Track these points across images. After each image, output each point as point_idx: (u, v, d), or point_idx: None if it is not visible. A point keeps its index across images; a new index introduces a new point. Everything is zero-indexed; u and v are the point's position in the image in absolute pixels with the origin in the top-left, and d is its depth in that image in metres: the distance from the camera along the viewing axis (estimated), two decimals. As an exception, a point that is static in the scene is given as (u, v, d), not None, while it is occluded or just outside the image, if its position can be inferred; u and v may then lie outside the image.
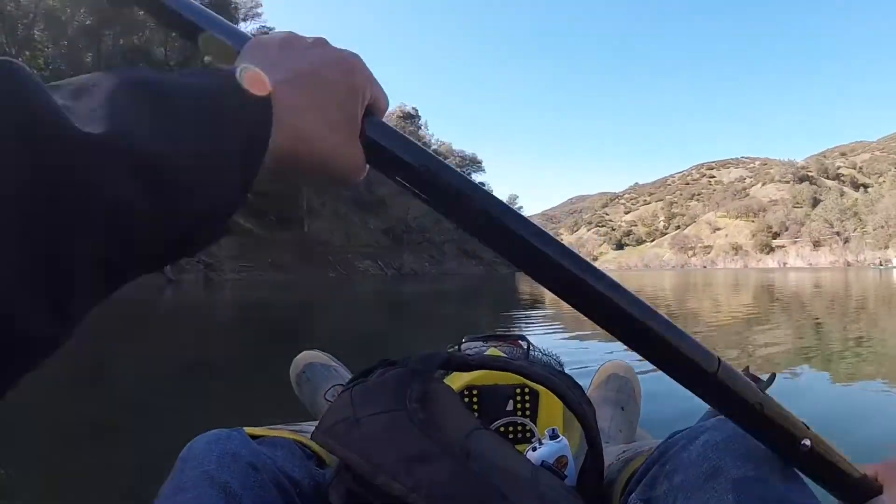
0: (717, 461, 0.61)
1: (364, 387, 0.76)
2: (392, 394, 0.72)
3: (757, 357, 5.07)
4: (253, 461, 0.67)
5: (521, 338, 1.39)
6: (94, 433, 2.58)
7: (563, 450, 0.85)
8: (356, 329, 8.00)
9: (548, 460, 0.83)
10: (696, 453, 0.64)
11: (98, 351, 4.67)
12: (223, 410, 2.88)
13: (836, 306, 11.41)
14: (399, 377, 0.75)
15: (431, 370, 0.80)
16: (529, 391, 1.11)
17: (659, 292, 18.31)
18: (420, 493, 0.60)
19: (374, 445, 0.65)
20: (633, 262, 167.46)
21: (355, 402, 0.71)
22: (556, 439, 0.86)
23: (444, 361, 0.84)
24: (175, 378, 4.01)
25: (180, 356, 5.04)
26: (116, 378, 4.17)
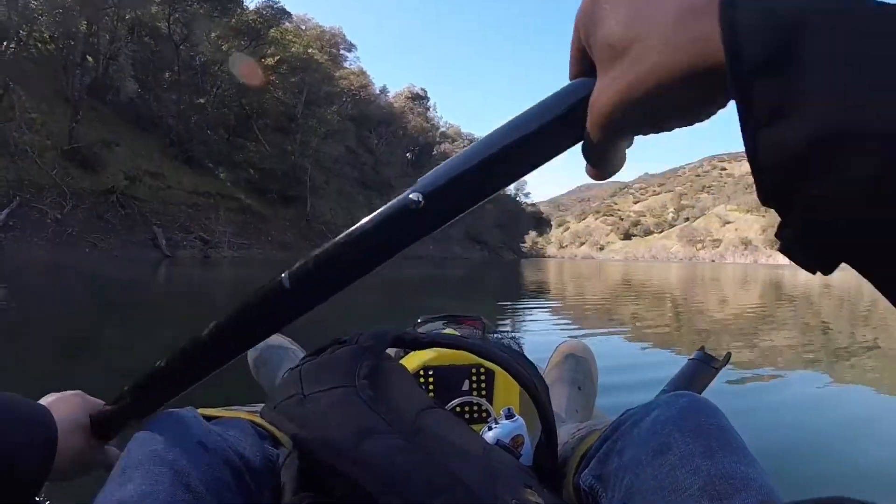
0: (666, 437, 0.62)
1: (313, 364, 0.78)
2: (341, 371, 0.74)
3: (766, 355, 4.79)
4: (203, 440, 0.66)
5: (478, 318, 1.45)
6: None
7: (518, 429, 0.86)
8: (335, 320, 7.56)
9: (503, 440, 0.83)
10: (646, 429, 0.65)
11: (84, 328, 4.79)
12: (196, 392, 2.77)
13: (845, 308, 10.99)
14: (349, 354, 0.77)
15: (382, 347, 0.82)
16: (485, 371, 1.12)
17: (665, 287, 17.86)
18: (366, 468, 0.60)
19: (322, 421, 0.66)
20: (640, 253, 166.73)
21: (304, 379, 0.74)
22: (512, 419, 0.87)
23: (395, 339, 0.86)
24: (153, 357, 3.83)
25: (163, 335, 4.90)
26: (98, 355, 4.09)
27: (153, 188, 27.42)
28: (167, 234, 24.31)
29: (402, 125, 67.44)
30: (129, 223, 23.70)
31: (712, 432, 0.61)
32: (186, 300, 8.75)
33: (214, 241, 26.41)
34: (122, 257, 20.09)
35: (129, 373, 0.67)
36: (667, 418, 0.64)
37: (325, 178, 42.77)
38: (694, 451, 0.59)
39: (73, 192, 22.56)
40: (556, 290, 13.75)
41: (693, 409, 0.64)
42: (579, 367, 1.48)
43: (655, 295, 13.11)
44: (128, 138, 29.16)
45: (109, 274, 13.37)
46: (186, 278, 13.80)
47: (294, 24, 44.25)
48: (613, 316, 7.88)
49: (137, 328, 5.38)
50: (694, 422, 0.62)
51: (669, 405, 0.66)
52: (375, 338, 0.81)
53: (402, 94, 74.45)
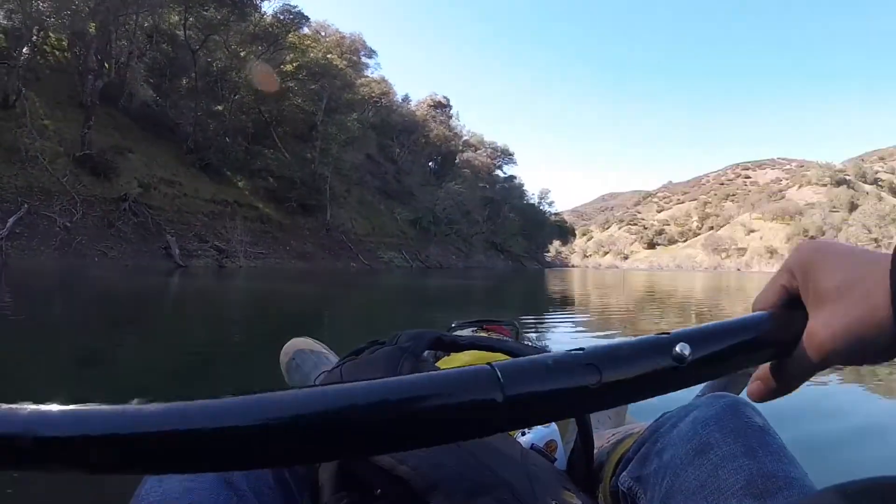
0: (706, 437, 0.63)
1: (353, 364, 0.79)
2: (382, 370, 0.75)
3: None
4: None
5: (510, 324, 1.49)
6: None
7: (552, 434, 0.88)
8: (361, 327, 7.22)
9: (538, 444, 0.85)
10: (686, 430, 0.66)
11: (94, 340, 4.67)
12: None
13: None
14: (389, 354, 0.78)
15: (421, 348, 0.82)
16: None
17: (691, 296, 17.29)
18: (410, 465, 0.61)
19: None
20: (664, 263, 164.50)
21: (345, 378, 0.73)
22: (546, 424, 0.86)
23: (433, 340, 0.87)
24: (169, 370, 3.85)
25: (177, 346, 4.82)
26: (109, 368, 3.93)
27: (168, 196, 26.70)
28: (181, 244, 23.45)
29: (425, 134, 66.82)
30: (142, 232, 22.90)
31: (753, 432, 0.61)
32: (197, 313, 8.09)
33: (230, 251, 25.49)
34: (132, 267, 19.28)
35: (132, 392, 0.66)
36: (707, 418, 0.64)
37: (345, 186, 41.91)
38: (735, 451, 0.59)
39: (83, 199, 21.85)
40: (582, 300, 13.39)
41: (733, 409, 0.65)
42: None
43: (681, 304, 12.91)
44: (143, 145, 28.56)
45: (117, 284, 12.66)
46: (198, 290, 12.98)
47: (313, 30, 43.65)
48: (640, 326, 7.74)
49: (144, 343, 5.12)
50: (734, 422, 0.62)
51: (709, 406, 0.66)
52: (414, 339, 0.81)
53: (424, 103, 73.91)
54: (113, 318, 6.86)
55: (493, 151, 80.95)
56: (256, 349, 4.71)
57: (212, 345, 5.00)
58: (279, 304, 9.76)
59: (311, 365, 1.61)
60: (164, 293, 11.36)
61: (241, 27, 34.01)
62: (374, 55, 52.67)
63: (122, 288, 11.89)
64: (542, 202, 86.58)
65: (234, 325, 6.68)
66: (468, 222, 60.99)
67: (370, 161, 50.59)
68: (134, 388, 2.95)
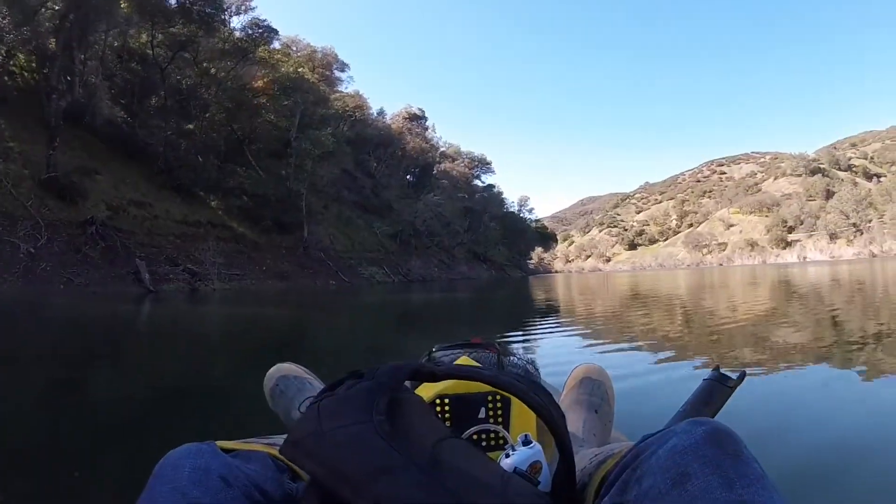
0: (684, 467, 0.63)
1: (331, 400, 0.78)
2: (359, 406, 0.75)
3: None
4: (225, 475, 0.69)
5: (492, 344, 1.47)
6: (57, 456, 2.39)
7: (536, 455, 0.87)
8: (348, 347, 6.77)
9: (521, 467, 0.84)
10: (665, 458, 0.66)
11: (59, 374, 4.49)
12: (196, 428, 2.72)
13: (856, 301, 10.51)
14: (366, 390, 0.78)
15: (399, 382, 0.83)
16: (501, 398, 1.13)
17: (674, 294, 16.67)
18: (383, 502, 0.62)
19: (340, 458, 0.67)
20: (647, 262, 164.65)
21: (322, 415, 0.75)
22: (529, 445, 0.88)
23: (411, 373, 0.86)
24: (144, 405, 3.54)
25: (150, 379, 4.50)
26: (78, 405, 3.61)
27: (138, 218, 25.83)
28: (151, 267, 22.56)
29: (401, 146, 66.24)
30: (110, 256, 22.00)
31: (731, 461, 0.62)
32: (170, 343, 7.36)
33: (203, 273, 24.62)
34: (100, 294, 18.37)
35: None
36: (685, 447, 0.65)
37: (322, 202, 41.22)
38: (712, 483, 0.60)
39: (48, 223, 20.96)
40: (566, 306, 12.98)
41: (712, 437, 0.65)
42: (595, 390, 1.48)
43: (665, 304, 12.56)
44: (112, 166, 27.71)
45: (82, 313, 11.84)
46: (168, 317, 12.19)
47: (284, 45, 42.98)
48: (625, 330, 7.57)
49: (115, 377, 4.68)
50: (712, 451, 0.63)
51: (688, 433, 0.66)
52: (392, 372, 0.82)
53: (399, 115, 73.22)
54: (79, 350, 6.32)
55: (471, 161, 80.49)
56: (234, 378, 4.49)
57: (187, 376, 4.66)
58: (253, 331, 9.10)
59: (295, 390, 1.62)
60: (133, 321, 10.60)
61: (209, 43, 33.29)
62: (347, 68, 52.17)
63: (89, 316, 11.16)
64: (521, 209, 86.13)
65: (210, 354, 6.20)
66: (449, 233, 60.40)
67: (347, 176, 49.93)
68: (108, 425, 2.90)
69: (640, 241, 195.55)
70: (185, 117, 33.73)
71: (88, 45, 26.75)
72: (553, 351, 5.72)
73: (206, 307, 14.82)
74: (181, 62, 32.89)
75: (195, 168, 32.34)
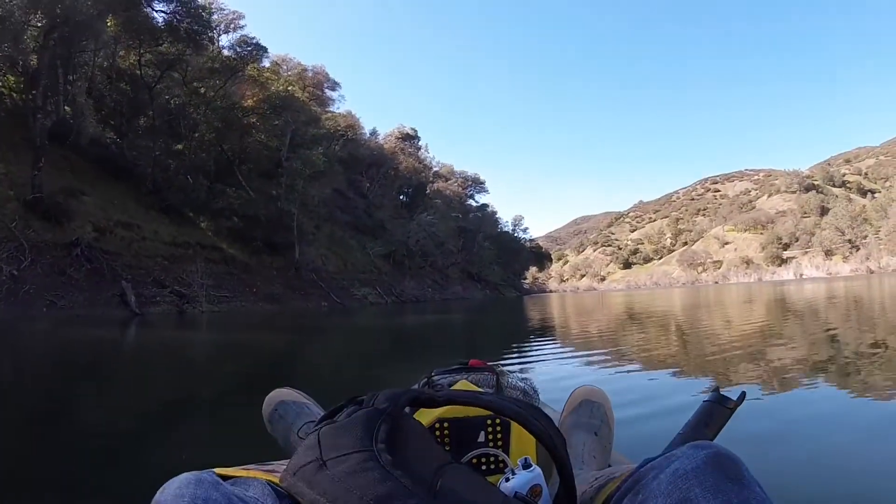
0: (686, 492, 0.63)
1: (331, 428, 0.79)
2: (359, 435, 0.75)
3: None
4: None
5: (491, 369, 1.46)
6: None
7: (536, 479, 0.87)
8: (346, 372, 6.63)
9: (521, 490, 0.84)
10: (666, 482, 0.66)
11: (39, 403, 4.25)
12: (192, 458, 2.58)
13: (852, 318, 10.33)
14: (366, 417, 0.79)
15: (399, 409, 0.84)
16: (501, 421, 1.14)
17: (670, 314, 16.42)
18: None
19: (340, 488, 0.67)
20: (641, 281, 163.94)
21: (322, 444, 0.75)
22: (529, 469, 0.87)
23: (411, 399, 0.87)
24: (133, 434, 3.28)
25: (138, 407, 4.25)
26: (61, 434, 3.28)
27: (125, 240, 25.36)
28: (138, 290, 22.06)
29: (394, 166, 66.07)
30: (96, 278, 21.51)
31: (733, 487, 0.62)
32: (154, 371, 6.85)
33: (191, 295, 24.10)
34: (83, 317, 17.87)
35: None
36: (686, 471, 0.65)
37: (314, 223, 40.69)
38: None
39: (32, 245, 20.50)
40: (564, 327, 12.63)
41: (713, 462, 0.65)
42: (595, 412, 1.49)
43: (661, 324, 12.27)
44: (99, 187, 27.31)
45: (63, 338, 11.38)
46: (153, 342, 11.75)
47: (273, 63, 42.75)
48: (623, 351, 7.41)
49: (98, 406, 4.35)
50: (715, 476, 0.63)
51: (690, 457, 0.67)
52: (391, 399, 0.82)
53: (392, 135, 73.14)
54: (58, 378, 5.97)
55: (465, 180, 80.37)
56: (225, 407, 4.22)
57: (176, 405, 4.38)
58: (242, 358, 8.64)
59: (294, 415, 1.62)
60: (117, 347, 10.11)
61: (198, 62, 33.07)
62: (339, 87, 51.87)
63: (71, 341, 10.74)
64: (516, 229, 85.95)
65: (198, 381, 5.85)
66: (443, 253, 60.06)
67: (340, 196, 49.63)
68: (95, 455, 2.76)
69: (634, 260, 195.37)
70: (175, 137, 33.39)
71: (75, 64, 26.37)
72: (552, 373, 5.52)
73: (192, 333, 14.33)
74: (170, 81, 32.63)
75: (184, 188, 31.96)
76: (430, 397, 0.89)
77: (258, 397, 1.72)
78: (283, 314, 23.47)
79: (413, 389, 0.90)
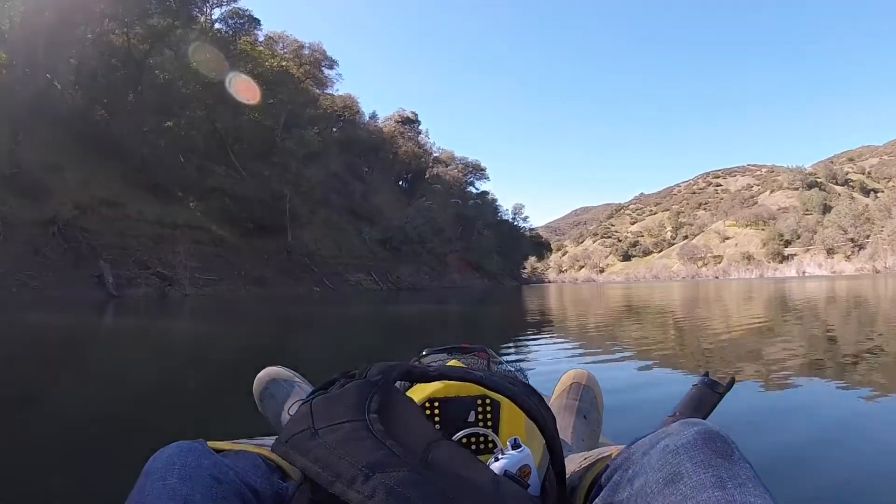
0: (676, 466, 0.64)
1: (323, 398, 0.80)
2: (351, 405, 0.76)
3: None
4: (215, 473, 0.69)
5: (483, 349, 1.44)
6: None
7: (525, 459, 0.86)
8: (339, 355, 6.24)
9: (510, 470, 0.84)
10: (657, 458, 0.67)
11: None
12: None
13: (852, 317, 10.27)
14: (358, 388, 0.80)
15: (390, 381, 0.85)
16: (490, 402, 1.10)
17: (668, 307, 15.86)
18: (377, 500, 0.62)
19: (332, 455, 0.67)
20: (641, 274, 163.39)
21: (314, 414, 0.75)
22: (518, 449, 0.87)
23: (403, 372, 0.89)
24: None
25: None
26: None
27: (108, 218, 24.38)
28: (118, 270, 21.07)
29: (393, 150, 64.86)
30: (73, 258, 20.52)
31: (723, 462, 0.63)
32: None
33: (175, 278, 23.05)
34: (55, 299, 16.83)
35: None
36: (678, 447, 0.66)
37: (309, 206, 39.62)
38: (705, 482, 0.60)
39: (6, 222, 19.51)
40: (563, 317, 12.49)
41: (704, 437, 0.66)
42: (584, 395, 1.51)
43: (658, 316, 12.16)
44: (86, 164, 26.15)
45: (26, 322, 10.44)
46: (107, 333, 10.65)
47: (268, 37, 41.39)
48: (618, 340, 7.43)
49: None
50: (704, 451, 0.64)
51: (680, 433, 0.68)
52: (383, 372, 0.83)
53: (391, 119, 71.88)
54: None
55: (465, 167, 79.02)
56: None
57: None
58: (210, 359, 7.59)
59: (285, 394, 1.61)
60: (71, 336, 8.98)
61: (188, 35, 31.85)
62: (336, 65, 49.95)
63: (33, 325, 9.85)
64: (516, 218, 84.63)
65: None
66: (441, 240, 58.99)
67: (336, 180, 48.52)
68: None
69: (634, 253, 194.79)
70: (165, 114, 32.23)
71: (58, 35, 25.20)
72: (542, 357, 5.62)
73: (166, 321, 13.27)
74: (158, 55, 31.70)
75: (172, 167, 30.91)
76: (422, 371, 0.89)
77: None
78: (271, 299, 22.41)
79: (405, 363, 0.89)
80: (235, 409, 2.12)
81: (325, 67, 47.91)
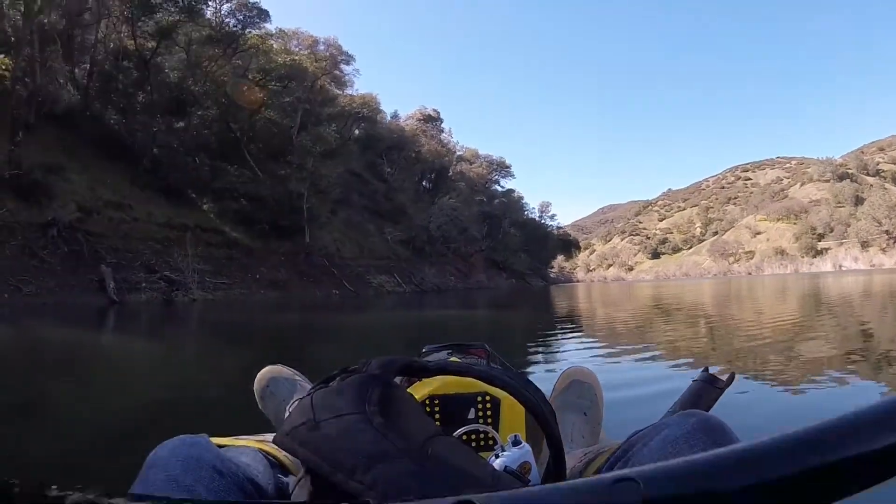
0: (675, 454, 0.64)
1: (324, 392, 0.80)
2: (352, 398, 0.77)
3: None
4: (217, 466, 0.71)
5: (482, 347, 1.45)
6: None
7: (525, 456, 0.88)
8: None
9: (511, 466, 0.84)
10: (657, 448, 0.68)
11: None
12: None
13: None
14: (359, 382, 0.80)
15: (391, 375, 0.85)
16: (491, 399, 1.13)
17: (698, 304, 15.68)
18: (377, 490, 0.63)
19: (333, 446, 0.69)
20: (670, 272, 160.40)
21: (316, 406, 0.76)
22: (519, 446, 0.88)
23: (403, 367, 0.89)
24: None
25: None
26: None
27: (114, 221, 23.26)
28: (122, 275, 19.88)
29: (415, 149, 63.51)
30: (73, 262, 19.36)
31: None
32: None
33: (183, 282, 21.77)
34: (51, 305, 15.61)
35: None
36: (676, 437, 0.67)
37: (328, 206, 38.29)
38: None
39: (4, 225, 18.37)
40: (587, 322, 11.78)
41: (703, 427, 0.67)
42: (584, 392, 1.49)
43: (689, 315, 11.94)
44: (91, 165, 25.17)
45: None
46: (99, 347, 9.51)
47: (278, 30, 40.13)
48: (649, 339, 7.26)
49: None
50: (704, 441, 0.65)
51: (679, 424, 0.69)
52: (384, 366, 0.84)
53: (413, 116, 70.59)
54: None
55: (490, 164, 77.45)
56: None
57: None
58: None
59: (286, 392, 1.60)
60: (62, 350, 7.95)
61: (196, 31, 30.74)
62: (353, 61, 48.40)
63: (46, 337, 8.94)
64: (543, 216, 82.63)
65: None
66: (466, 240, 57.37)
67: (358, 179, 47.34)
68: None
69: (663, 250, 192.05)
70: (176, 114, 31.23)
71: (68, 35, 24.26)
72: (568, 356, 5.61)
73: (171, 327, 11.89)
74: (167, 53, 30.77)
75: (184, 167, 29.81)
76: (422, 366, 0.90)
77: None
78: (286, 304, 21.05)
79: (406, 357, 0.89)
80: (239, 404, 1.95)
81: (343, 63, 46.53)
